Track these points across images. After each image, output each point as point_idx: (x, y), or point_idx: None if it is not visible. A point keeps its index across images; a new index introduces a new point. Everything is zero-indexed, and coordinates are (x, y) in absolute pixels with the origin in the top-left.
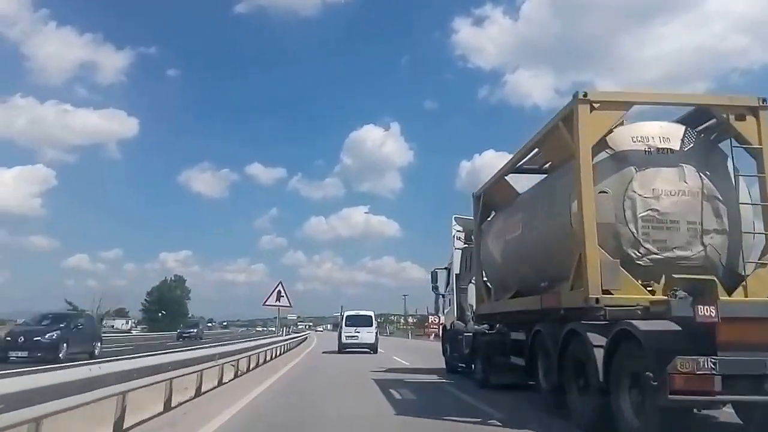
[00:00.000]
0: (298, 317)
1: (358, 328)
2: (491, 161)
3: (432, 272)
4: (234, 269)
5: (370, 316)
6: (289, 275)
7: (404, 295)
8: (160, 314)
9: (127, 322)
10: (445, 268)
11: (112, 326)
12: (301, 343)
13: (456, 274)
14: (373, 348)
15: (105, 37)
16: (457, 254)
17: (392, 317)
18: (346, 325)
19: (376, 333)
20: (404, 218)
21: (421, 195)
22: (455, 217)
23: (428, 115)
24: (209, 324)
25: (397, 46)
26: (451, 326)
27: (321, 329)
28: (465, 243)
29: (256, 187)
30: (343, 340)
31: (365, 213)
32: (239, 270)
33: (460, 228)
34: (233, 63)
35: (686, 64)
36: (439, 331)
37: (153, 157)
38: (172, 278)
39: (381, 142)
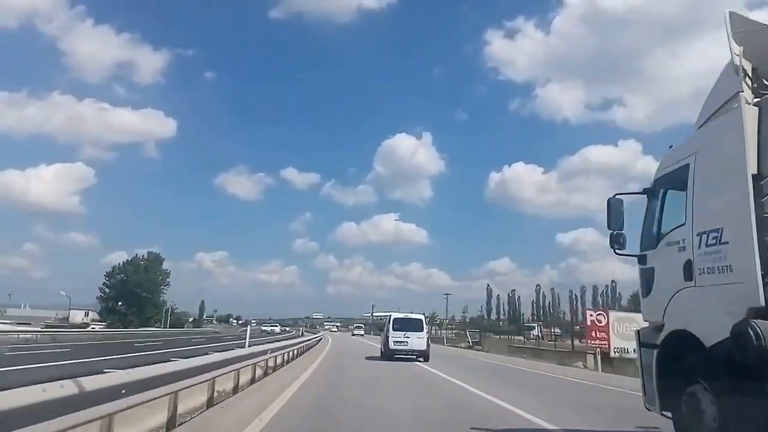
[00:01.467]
0: (328, 318)
1: (408, 333)
2: (520, 173)
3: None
4: (268, 270)
5: (421, 320)
6: (320, 278)
7: (446, 294)
8: (119, 304)
9: (86, 314)
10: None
11: (66, 319)
12: (307, 347)
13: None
14: (424, 356)
15: (142, 37)
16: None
17: (437, 319)
18: (394, 329)
19: (428, 339)
20: (433, 226)
21: (450, 204)
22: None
23: (459, 126)
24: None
25: (430, 56)
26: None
27: (335, 329)
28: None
29: (290, 192)
30: (391, 345)
31: (395, 220)
32: (273, 271)
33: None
34: (268, 68)
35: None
36: (609, 345)
37: (190, 158)
38: (144, 255)
39: (413, 151)
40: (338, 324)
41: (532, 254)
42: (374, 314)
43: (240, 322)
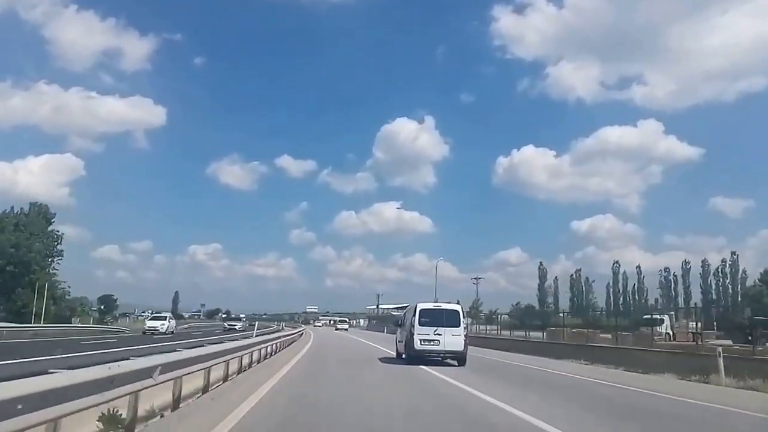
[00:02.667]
0: (326, 312)
1: (440, 329)
2: (530, 157)
3: None
4: (263, 263)
5: (457, 312)
6: (318, 270)
7: (476, 279)
8: None
9: None
10: None
11: None
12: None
13: None
14: (461, 358)
15: (127, 22)
16: None
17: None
18: (420, 324)
19: (466, 336)
20: (438, 214)
21: (455, 190)
22: None
23: (464, 108)
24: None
25: (432, 35)
26: None
27: (320, 324)
28: None
29: (285, 180)
30: (417, 345)
31: (397, 208)
32: (268, 264)
33: None
34: (260, 51)
35: (745, 56)
36: None
37: (181, 147)
38: (22, 209)
39: (415, 136)
40: (336, 319)
41: (545, 243)
42: (381, 306)
43: (228, 317)
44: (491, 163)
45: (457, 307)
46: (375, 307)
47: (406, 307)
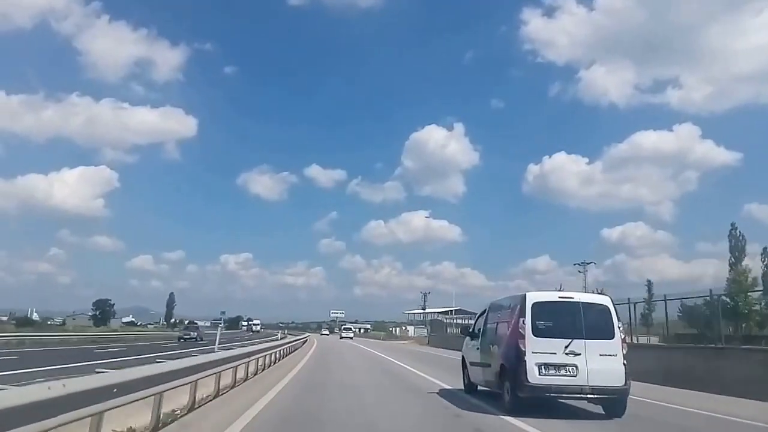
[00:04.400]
0: (356, 321)
1: (576, 343)
2: (561, 164)
3: None
4: (293, 272)
5: (607, 311)
6: (347, 279)
7: (582, 264)
8: None
9: None
10: None
11: None
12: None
13: None
14: (618, 403)
15: (159, 32)
16: None
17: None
18: (536, 333)
19: (625, 358)
20: (466, 223)
21: (485, 199)
22: None
23: (494, 115)
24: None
25: (461, 41)
26: None
27: (326, 332)
28: None
29: (315, 190)
30: (533, 375)
31: (426, 217)
32: (298, 273)
33: None
34: (289, 60)
35: None
36: None
37: (212, 157)
38: None
39: (444, 144)
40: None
41: (575, 251)
42: (427, 308)
43: (253, 324)
44: (522, 171)
45: (605, 302)
46: (421, 309)
47: (449, 311)
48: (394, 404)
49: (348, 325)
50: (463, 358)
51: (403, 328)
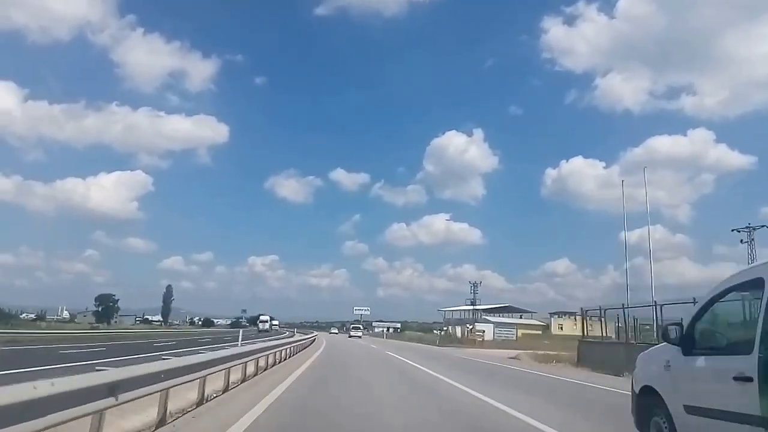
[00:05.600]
0: (381, 321)
1: None
2: (579, 168)
3: None
4: (318, 274)
5: None
6: (369, 281)
7: (747, 230)
8: None
9: None
10: None
11: None
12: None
13: None
14: None
15: (192, 44)
16: None
17: None
18: None
19: None
20: (486, 226)
21: (504, 202)
22: None
23: (513, 121)
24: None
25: (481, 49)
26: None
27: (335, 331)
28: None
29: (339, 193)
30: None
31: (446, 220)
32: (323, 275)
33: None
34: (315, 68)
35: None
36: None
37: (241, 162)
38: None
39: (464, 149)
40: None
41: (593, 254)
42: (477, 303)
43: (261, 320)
44: (540, 175)
45: None
46: (469, 305)
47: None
48: None
49: (356, 325)
50: (646, 394)
51: (468, 327)
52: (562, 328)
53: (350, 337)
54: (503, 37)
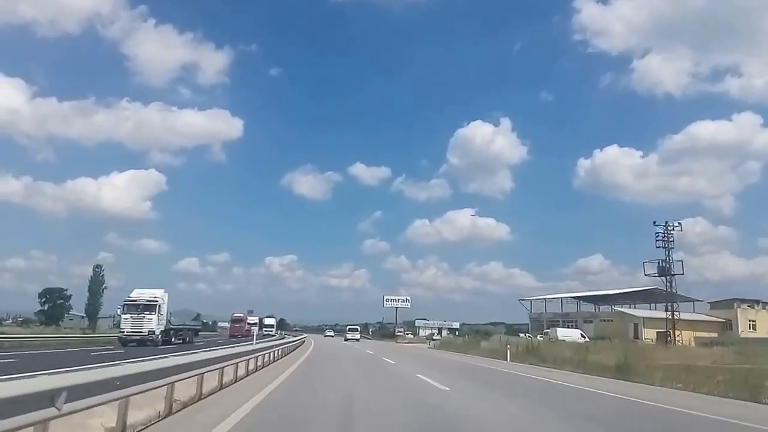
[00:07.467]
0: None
1: None
2: (614, 157)
3: None
4: (337, 274)
5: None
6: (391, 280)
7: None
8: None
9: None
10: None
11: None
12: None
13: None
14: None
15: (204, 35)
16: None
17: None
18: None
19: None
20: (514, 221)
21: (534, 195)
22: None
23: (543, 108)
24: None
25: (509, 31)
26: None
27: (331, 334)
28: None
29: (359, 189)
30: None
31: (472, 215)
32: (343, 275)
33: None
34: (333, 58)
35: None
36: None
37: (257, 158)
38: None
39: (490, 139)
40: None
41: (629, 249)
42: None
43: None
44: (572, 166)
45: None
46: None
47: None
48: None
49: (353, 327)
50: None
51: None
52: (754, 327)
53: (346, 340)
54: (532, 18)
